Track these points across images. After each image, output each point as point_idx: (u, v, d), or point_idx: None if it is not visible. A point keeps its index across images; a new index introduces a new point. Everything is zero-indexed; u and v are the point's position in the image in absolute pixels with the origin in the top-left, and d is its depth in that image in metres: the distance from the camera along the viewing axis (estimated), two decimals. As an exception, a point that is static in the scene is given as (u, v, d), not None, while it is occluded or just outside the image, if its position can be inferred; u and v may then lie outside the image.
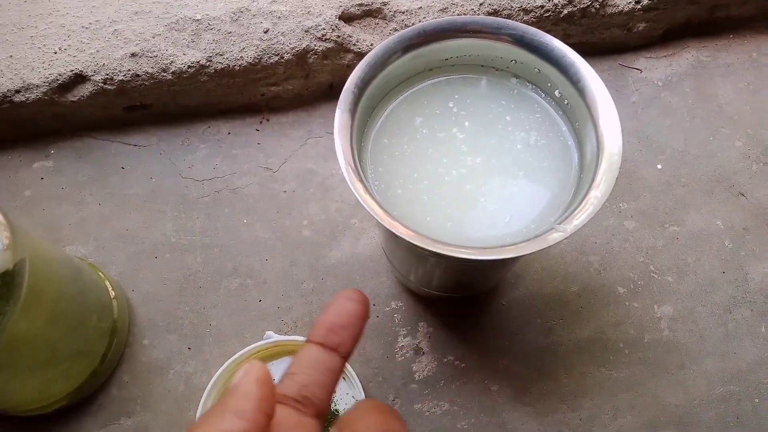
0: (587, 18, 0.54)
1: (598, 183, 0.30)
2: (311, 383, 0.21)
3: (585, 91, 0.33)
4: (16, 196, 0.52)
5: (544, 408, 0.45)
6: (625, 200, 0.52)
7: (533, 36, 0.35)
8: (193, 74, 0.51)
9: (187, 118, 0.55)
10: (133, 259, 0.49)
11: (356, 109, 0.34)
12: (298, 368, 0.21)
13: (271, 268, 0.49)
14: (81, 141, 0.54)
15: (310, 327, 0.47)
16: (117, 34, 0.51)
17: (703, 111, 0.56)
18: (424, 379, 0.46)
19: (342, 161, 0.31)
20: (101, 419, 0.44)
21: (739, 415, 0.45)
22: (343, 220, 0.51)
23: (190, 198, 0.51)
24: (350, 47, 0.53)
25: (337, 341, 0.22)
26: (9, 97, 0.50)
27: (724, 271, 0.49)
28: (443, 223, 0.34)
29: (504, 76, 0.37)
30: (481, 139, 0.36)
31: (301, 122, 0.55)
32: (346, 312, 0.23)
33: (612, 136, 0.32)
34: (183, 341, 0.47)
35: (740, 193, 0.52)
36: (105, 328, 0.44)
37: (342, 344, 0.22)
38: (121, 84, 0.50)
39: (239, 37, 0.51)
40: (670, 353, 0.47)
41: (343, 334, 0.22)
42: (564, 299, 0.48)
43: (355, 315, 0.22)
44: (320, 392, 0.21)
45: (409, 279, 0.45)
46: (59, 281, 0.38)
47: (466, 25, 0.35)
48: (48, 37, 0.51)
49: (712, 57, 0.59)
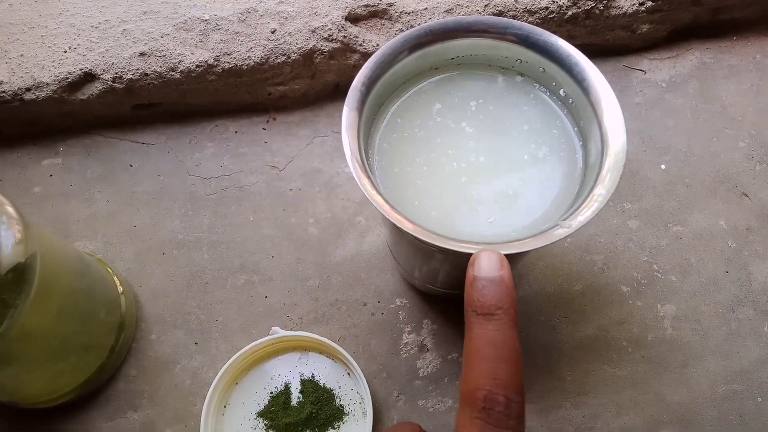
0: (591, 19, 0.55)
1: (603, 179, 0.31)
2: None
3: (589, 90, 0.34)
4: (26, 192, 0.52)
5: (548, 405, 0.45)
6: (629, 200, 0.52)
7: (539, 36, 0.35)
8: (201, 74, 0.51)
9: (194, 116, 0.55)
10: (141, 255, 0.50)
11: (363, 107, 0.34)
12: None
13: (277, 265, 0.49)
14: (90, 139, 0.55)
15: (315, 323, 0.47)
16: (126, 34, 0.52)
17: (706, 112, 0.56)
18: (429, 375, 0.46)
19: (349, 157, 0.31)
20: (108, 412, 0.45)
21: (742, 413, 0.45)
22: (349, 218, 0.51)
23: (197, 195, 0.52)
24: (356, 47, 0.53)
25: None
26: (19, 95, 0.50)
27: (728, 270, 0.50)
28: (429, 210, 0.34)
29: (511, 75, 0.38)
30: (491, 140, 0.36)
31: (308, 121, 0.56)
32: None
33: (616, 133, 0.32)
34: (190, 336, 0.47)
35: (744, 194, 0.52)
36: (113, 322, 0.44)
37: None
38: (130, 83, 0.51)
39: (247, 37, 0.52)
40: (674, 352, 0.47)
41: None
42: (568, 298, 0.49)
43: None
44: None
45: (413, 276, 0.45)
46: (69, 276, 0.39)
47: (472, 25, 0.36)
48: (58, 36, 0.52)
49: (715, 59, 0.59)
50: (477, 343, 0.21)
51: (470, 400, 0.20)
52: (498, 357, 0.21)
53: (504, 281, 0.22)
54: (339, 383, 0.44)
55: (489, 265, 0.22)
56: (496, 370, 0.20)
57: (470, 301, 0.22)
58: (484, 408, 0.20)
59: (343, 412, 0.44)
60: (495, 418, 0.20)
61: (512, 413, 0.20)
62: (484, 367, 0.21)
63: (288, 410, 0.43)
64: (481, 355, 0.21)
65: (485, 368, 0.21)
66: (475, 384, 0.21)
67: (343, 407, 0.44)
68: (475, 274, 0.22)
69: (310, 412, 0.43)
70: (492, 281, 0.22)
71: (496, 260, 0.22)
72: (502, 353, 0.21)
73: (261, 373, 0.45)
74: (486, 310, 0.21)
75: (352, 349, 0.47)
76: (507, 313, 0.21)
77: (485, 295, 0.22)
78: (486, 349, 0.21)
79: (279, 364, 0.45)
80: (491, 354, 0.21)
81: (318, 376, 0.45)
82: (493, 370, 0.21)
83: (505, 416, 0.20)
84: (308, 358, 0.45)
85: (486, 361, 0.21)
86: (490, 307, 0.21)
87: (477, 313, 0.22)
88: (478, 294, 0.22)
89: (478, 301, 0.22)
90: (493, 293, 0.22)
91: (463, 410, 0.21)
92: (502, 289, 0.22)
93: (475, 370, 0.21)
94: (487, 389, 0.20)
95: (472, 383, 0.21)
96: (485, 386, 0.20)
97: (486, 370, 0.21)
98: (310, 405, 0.43)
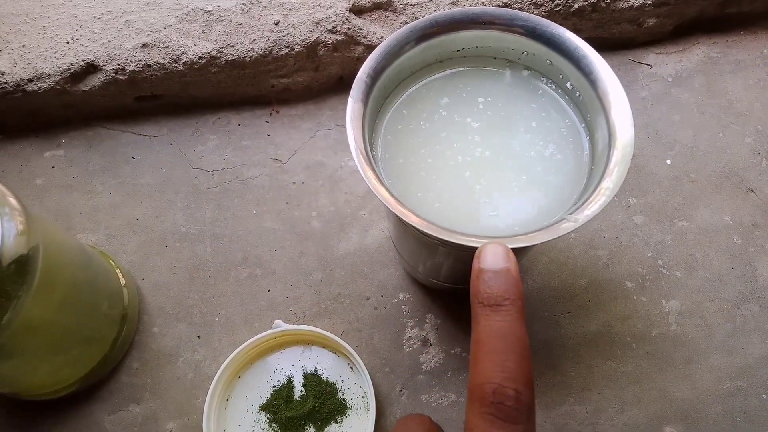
0: (598, 12, 0.54)
1: (611, 173, 0.30)
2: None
3: (597, 82, 0.33)
4: (28, 184, 0.52)
5: (551, 400, 0.45)
6: (634, 195, 0.52)
7: (545, 27, 0.35)
8: (204, 65, 0.51)
9: (197, 109, 0.55)
10: (144, 247, 0.50)
11: (368, 99, 0.34)
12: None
13: (280, 259, 0.49)
14: (92, 131, 0.54)
15: (318, 317, 0.47)
16: (129, 25, 0.51)
17: (713, 107, 0.56)
18: (432, 370, 0.46)
19: (354, 149, 0.31)
20: (111, 405, 0.45)
21: (747, 410, 0.45)
22: (352, 212, 0.51)
23: (200, 188, 0.52)
24: (360, 40, 0.53)
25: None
26: (21, 86, 0.50)
27: (733, 266, 0.49)
28: (432, 203, 0.34)
29: (518, 69, 0.38)
30: (497, 136, 0.36)
31: (311, 114, 0.55)
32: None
33: (624, 126, 0.32)
34: (192, 329, 0.47)
35: (750, 189, 0.52)
36: (115, 315, 0.44)
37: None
38: (133, 74, 0.51)
39: (250, 28, 0.51)
40: (678, 348, 0.47)
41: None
42: (572, 293, 0.48)
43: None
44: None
45: (417, 270, 0.45)
46: (71, 267, 0.39)
47: (478, 17, 0.35)
48: (60, 27, 0.52)
49: (722, 53, 0.59)
50: (484, 335, 0.21)
51: (479, 394, 0.20)
52: (506, 349, 0.20)
53: (510, 273, 0.22)
54: (342, 377, 0.44)
55: (495, 257, 0.22)
56: (504, 362, 0.20)
57: (476, 293, 0.22)
58: (494, 402, 0.19)
59: (345, 407, 0.43)
60: (505, 413, 0.19)
61: (522, 407, 0.19)
62: (492, 359, 0.20)
63: (290, 404, 0.43)
64: (488, 348, 0.20)
65: (493, 361, 0.20)
66: (483, 377, 0.20)
67: (346, 401, 0.44)
68: (481, 266, 0.22)
69: (313, 406, 0.43)
70: (498, 273, 0.22)
71: (502, 252, 0.22)
72: (510, 345, 0.20)
73: (263, 366, 0.45)
74: (493, 302, 0.21)
75: (355, 343, 0.46)
76: (514, 304, 0.21)
77: (492, 287, 0.21)
78: (493, 341, 0.20)
79: (282, 357, 0.45)
80: (499, 346, 0.20)
81: (321, 370, 0.44)
82: (501, 362, 0.20)
83: (516, 410, 0.19)
84: (311, 351, 0.45)
85: (494, 353, 0.20)
86: (497, 299, 0.21)
87: (483, 305, 0.21)
88: (485, 286, 0.21)
89: (484, 292, 0.21)
90: (500, 285, 0.21)
91: (471, 406, 0.20)
92: (508, 281, 0.21)
93: (483, 363, 0.20)
94: (495, 383, 0.19)
95: (479, 377, 0.20)
96: (494, 379, 0.20)
97: (494, 363, 0.20)
98: (313, 399, 0.43)
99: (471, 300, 0.22)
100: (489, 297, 0.21)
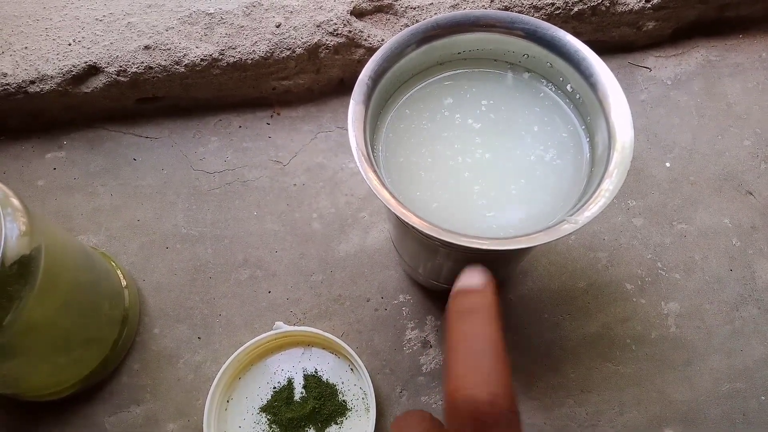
0: (597, 16, 0.55)
1: (611, 174, 0.30)
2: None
3: (597, 85, 0.34)
4: (29, 185, 0.52)
5: (551, 402, 0.45)
6: (634, 198, 0.52)
7: (546, 30, 0.35)
8: (206, 67, 0.51)
9: (198, 111, 0.55)
10: (145, 249, 0.50)
11: (369, 101, 0.34)
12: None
13: (281, 260, 0.49)
14: (93, 132, 0.54)
15: (318, 318, 0.47)
16: (131, 27, 0.52)
17: (711, 110, 0.56)
18: (431, 371, 0.46)
19: (355, 151, 0.31)
20: (111, 406, 0.45)
21: (746, 412, 0.45)
22: (353, 214, 0.51)
23: (201, 190, 0.52)
24: (361, 42, 0.53)
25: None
26: (24, 87, 0.50)
27: (732, 268, 0.50)
28: (429, 202, 0.34)
29: (519, 71, 0.38)
30: (498, 139, 0.36)
31: (312, 117, 0.55)
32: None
33: (624, 128, 0.32)
34: (193, 331, 0.47)
35: (748, 192, 0.52)
36: (116, 316, 0.44)
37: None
38: (134, 76, 0.51)
39: (252, 31, 0.52)
40: (677, 350, 0.47)
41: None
42: (571, 295, 0.48)
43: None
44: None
45: (417, 272, 0.45)
46: (73, 268, 0.39)
47: (480, 19, 0.35)
48: (62, 29, 0.52)
49: (721, 56, 0.59)
50: (455, 338, 0.19)
51: (452, 404, 0.18)
52: (479, 350, 0.19)
53: (486, 288, 0.20)
54: (342, 379, 0.44)
55: (470, 277, 0.21)
56: (477, 366, 0.18)
57: (449, 308, 0.21)
58: (467, 409, 0.18)
59: (346, 408, 0.43)
60: (480, 419, 0.17)
61: (497, 410, 0.18)
62: (463, 363, 0.19)
63: (291, 405, 0.43)
64: (460, 352, 0.19)
65: (465, 364, 0.19)
66: (455, 384, 0.18)
67: (346, 403, 0.44)
68: (457, 287, 0.21)
69: (313, 407, 0.43)
70: (473, 291, 0.21)
71: (477, 272, 0.21)
72: (482, 346, 0.19)
73: (264, 368, 0.45)
74: (465, 309, 0.20)
75: (355, 345, 0.47)
76: (487, 310, 0.20)
77: (463, 302, 0.20)
78: (464, 343, 0.19)
79: (282, 359, 0.45)
80: (470, 348, 0.19)
81: (321, 372, 0.45)
82: (474, 365, 0.19)
83: (491, 415, 0.17)
84: (311, 353, 0.45)
85: (465, 356, 0.19)
86: (470, 306, 0.20)
87: (455, 314, 0.20)
88: (459, 299, 0.20)
89: (459, 304, 0.20)
90: (473, 298, 0.20)
91: (449, 418, 0.19)
92: (483, 293, 0.20)
93: (455, 369, 0.19)
94: (468, 390, 0.18)
95: (451, 383, 0.18)
96: (466, 386, 0.18)
97: (466, 367, 0.19)
98: (313, 400, 0.43)
99: (446, 316, 0.21)
100: (461, 307, 0.20)
